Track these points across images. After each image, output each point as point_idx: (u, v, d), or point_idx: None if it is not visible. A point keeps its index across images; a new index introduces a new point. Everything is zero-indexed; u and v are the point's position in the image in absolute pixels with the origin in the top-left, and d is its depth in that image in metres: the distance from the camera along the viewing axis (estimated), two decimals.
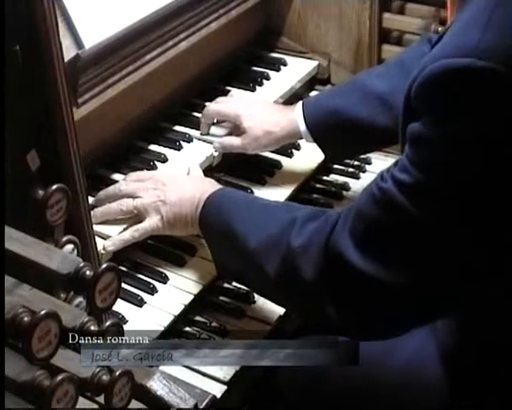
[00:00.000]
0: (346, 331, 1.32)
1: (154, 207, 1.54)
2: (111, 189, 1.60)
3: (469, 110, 1.10)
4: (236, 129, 1.78)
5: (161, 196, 1.54)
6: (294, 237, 1.31)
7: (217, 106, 1.82)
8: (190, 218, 1.51)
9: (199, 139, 1.80)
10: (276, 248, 1.33)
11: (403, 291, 1.21)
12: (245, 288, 1.57)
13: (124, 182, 1.60)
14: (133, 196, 1.56)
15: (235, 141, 1.77)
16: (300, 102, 1.76)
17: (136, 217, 1.56)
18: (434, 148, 1.14)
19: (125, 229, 1.56)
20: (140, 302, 1.51)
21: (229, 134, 1.80)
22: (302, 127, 1.73)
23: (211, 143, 1.78)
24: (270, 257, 1.34)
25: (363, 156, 1.94)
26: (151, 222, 1.54)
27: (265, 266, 1.35)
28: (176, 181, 1.58)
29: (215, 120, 1.83)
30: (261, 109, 1.80)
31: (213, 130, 1.82)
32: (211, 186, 1.54)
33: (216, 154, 1.77)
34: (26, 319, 0.88)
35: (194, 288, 1.55)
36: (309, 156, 1.88)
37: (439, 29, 1.84)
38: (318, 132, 1.73)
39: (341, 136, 1.73)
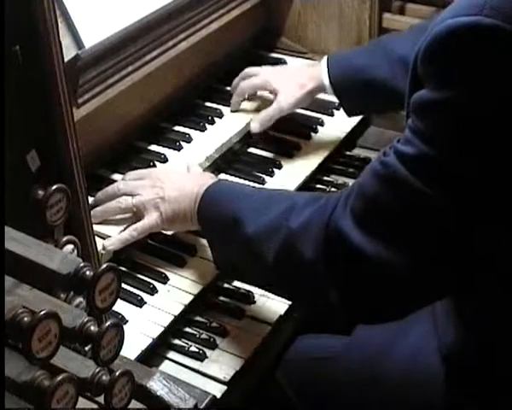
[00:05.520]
0: (347, 316, 1.30)
1: (152, 205, 1.54)
2: (110, 188, 1.60)
3: (475, 70, 1.06)
4: (269, 99, 1.85)
5: (160, 192, 1.54)
6: (294, 219, 1.29)
7: (247, 81, 1.89)
8: (189, 212, 1.50)
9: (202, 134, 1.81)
10: (276, 231, 1.31)
11: (404, 270, 1.18)
12: (245, 288, 1.57)
13: (122, 181, 1.61)
14: (132, 194, 1.56)
15: (269, 109, 1.83)
16: (325, 57, 1.82)
17: (135, 215, 1.56)
18: (439, 114, 1.10)
19: (125, 228, 1.56)
20: (140, 302, 1.51)
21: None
22: (326, 81, 1.79)
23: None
24: (270, 241, 1.31)
25: (363, 156, 1.94)
26: (150, 219, 1.54)
27: (265, 251, 1.32)
28: (174, 177, 1.58)
29: (246, 96, 1.92)
30: (290, 68, 1.93)
31: (245, 105, 1.91)
32: (210, 180, 1.54)
33: (215, 155, 1.77)
34: (26, 319, 0.88)
35: (194, 288, 1.54)
36: (309, 156, 1.88)
37: None
38: (339, 87, 1.79)
39: (360, 93, 1.77)
